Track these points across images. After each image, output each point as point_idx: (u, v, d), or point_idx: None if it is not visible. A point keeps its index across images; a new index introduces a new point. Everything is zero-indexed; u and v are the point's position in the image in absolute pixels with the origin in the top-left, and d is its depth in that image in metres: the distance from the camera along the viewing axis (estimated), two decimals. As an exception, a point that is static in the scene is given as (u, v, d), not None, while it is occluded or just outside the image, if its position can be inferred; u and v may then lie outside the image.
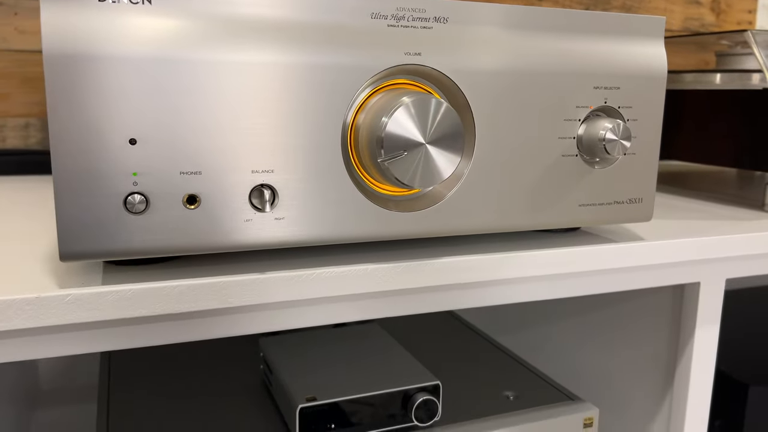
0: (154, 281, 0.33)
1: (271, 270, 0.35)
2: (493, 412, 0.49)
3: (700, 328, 0.52)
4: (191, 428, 0.46)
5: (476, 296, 0.42)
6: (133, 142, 0.31)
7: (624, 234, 0.47)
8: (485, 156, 0.38)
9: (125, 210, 0.31)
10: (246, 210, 0.34)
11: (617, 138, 0.40)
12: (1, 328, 0.30)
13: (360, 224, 0.36)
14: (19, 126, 0.71)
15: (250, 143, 0.33)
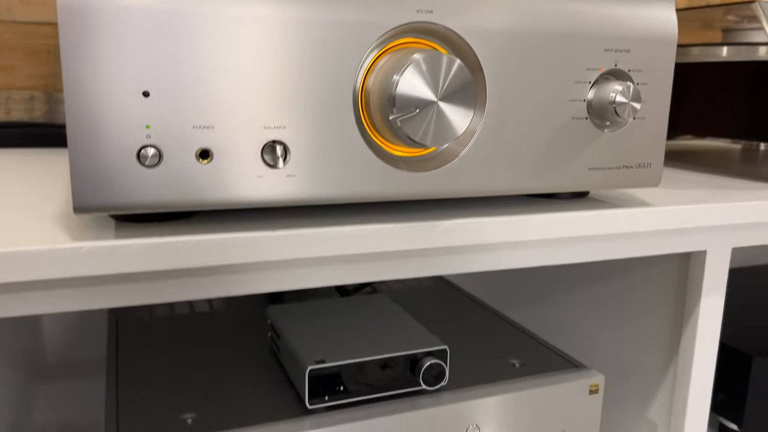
0: (166, 236, 0.33)
1: (281, 228, 0.35)
2: (499, 379, 0.49)
3: (706, 297, 0.52)
4: (200, 394, 0.46)
5: (484, 260, 0.42)
6: (147, 95, 0.31)
7: (631, 201, 0.47)
8: (497, 116, 0.38)
9: (138, 163, 0.31)
10: (258, 166, 0.34)
11: (627, 100, 0.40)
12: (14, 279, 0.30)
13: (371, 184, 0.36)
14: (23, 99, 0.71)
15: (262, 98, 0.33)
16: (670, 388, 0.55)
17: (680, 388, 0.54)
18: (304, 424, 0.42)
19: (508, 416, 0.47)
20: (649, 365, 0.57)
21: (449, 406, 0.45)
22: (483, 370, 0.51)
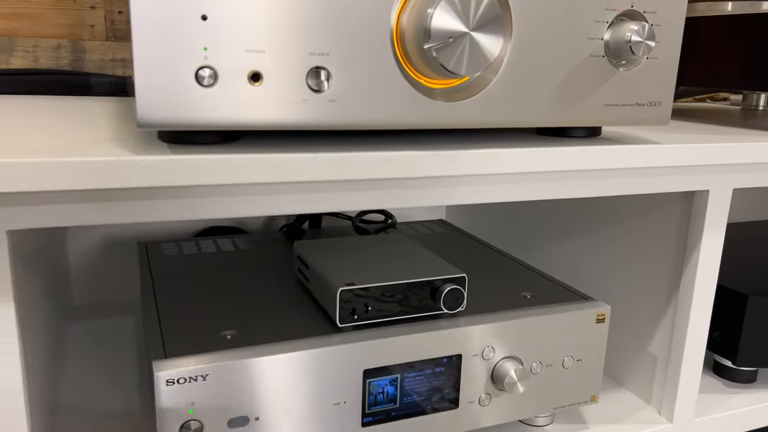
0: (218, 154, 0.36)
1: (322, 151, 0.38)
2: (512, 307, 0.53)
3: (708, 235, 0.55)
4: (237, 315, 0.49)
5: (502, 191, 0.45)
6: (205, 18, 0.34)
7: (641, 140, 0.50)
8: (522, 49, 0.41)
9: (196, 83, 0.34)
10: (303, 90, 0.36)
11: (642, 39, 0.42)
12: (83, 187, 0.33)
13: (405, 112, 0.39)
14: (50, 47, 0.73)
15: (308, 26, 0.36)
16: (670, 323, 0.59)
17: (680, 323, 0.58)
18: (335, 340, 0.45)
19: (520, 340, 0.51)
20: (652, 302, 0.61)
21: (467, 329, 0.49)
22: (497, 300, 0.54)
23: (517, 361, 0.51)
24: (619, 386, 0.65)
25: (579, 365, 0.54)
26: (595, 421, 0.59)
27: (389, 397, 0.47)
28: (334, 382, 0.45)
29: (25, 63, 0.72)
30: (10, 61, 0.72)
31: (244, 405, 0.43)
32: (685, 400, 0.59)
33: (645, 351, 0.62)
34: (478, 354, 0.50)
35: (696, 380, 0.59)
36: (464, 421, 0.50)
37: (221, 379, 0.42)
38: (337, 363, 0.45)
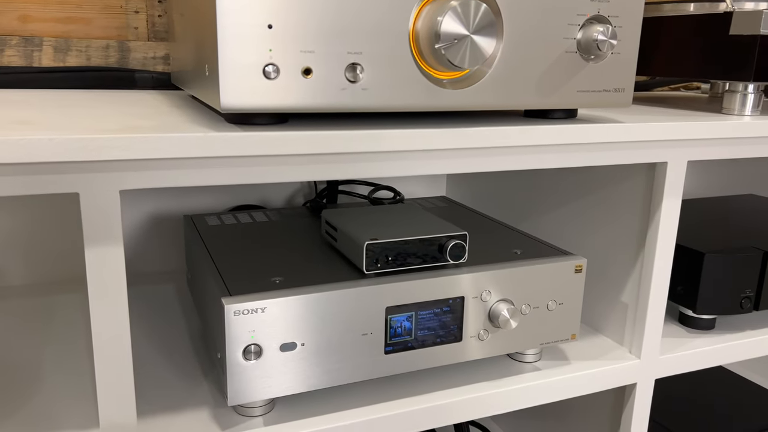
0: (276, 131, 0.47)
1: (359, 128, 0.49)
2: (505, 260, 0.64)
3: (667, 200, 0.66)
4: (280, 267, 0.60)
5: (497, 161, 0.56)
6: (270, 27, 0.44)
7: (610, 121, 0.61)
8: (511, 46, 0.52)
9: (263, 77, 0.45)
10: (343, 81, 0.47)
11: (607, 38, 0.53)
12: (181, 156, 0.44)
13: (421, 98, 0.50)
14: (100, 47, 0.83)
15: (347, 31, 0.46)
16: (638, 276, 0.70)
17: (645, 276, 0.69)
18: (363, 283, 0.56)
19: (512, 286, 0.62)
20: (623, 258, 0.72)
21: (468, 275, 0.60)
22: (492, 255, 0.65)
23: (510, 302, 0.62)
24: (596, 332, 0.77)
25: (561, 308, 0.65)
26: (576, 358, 0.70)
27: (406, 330, 0.58)
28: (362, 316, 0.56)
29: (79, 61, 0.83)
30: (66, 60, 0.82)
31: (293, 333, 0.54)
32: (650, 340, 0.70)
33: (618, 300, 0.73)
34: (477, 297, 0.61)
35: (659, 323, 0.70)
36: (466, 352, 0.62)
37: (275, 312, 0.53)
38: (364, 301, 0.56)
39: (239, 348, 0.52)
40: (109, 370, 0.48)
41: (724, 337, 0.77)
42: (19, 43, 0.80)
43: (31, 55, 0.81)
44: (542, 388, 0.65)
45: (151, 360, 0.65)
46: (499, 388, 0.63)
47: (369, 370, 0.57)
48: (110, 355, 0.47)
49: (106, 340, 0.47)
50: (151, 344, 0.69)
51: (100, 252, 0.46)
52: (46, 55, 0.81)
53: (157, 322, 0.74)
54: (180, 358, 0.66)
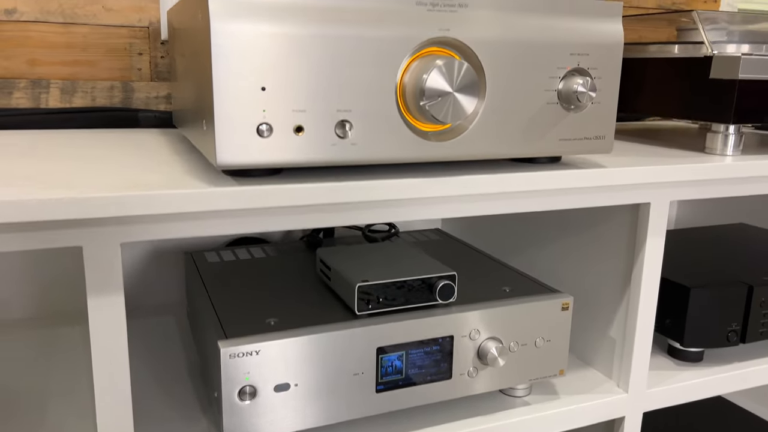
0: (270, 184, 0.49)
1: (345, 180, 0.52)
2: (494, 298, 0.66)
3: (651, 238, 0.68)
4: (275, 307, 0.62)
5: (482, 207, 0.58)
6: (264, 89, 0.47)
7: (594, 164, 0.63)
8: (493, 102, 0.54)
9: (257, 135, 0.48)
10: (333, 137, 0.50)
11: (586, 90, 0.56)
12: (179, 211, 0.47)
13: (407, 150, 0.52)
14: (105, 88, 0.86)
15: (336, 91, 0.49)
16: (624, 311, 0.72)
17: (632, 311, 0.71)
18: (354, 324, 0.59)
19: (500, 325, 0.64)
20: (610, 294, 0.74)
21: (457, 315, 0.62)
22: (481, 293, 0.68)
23: (498, 341, 0.64)
24: (586, 365, 0.78)
25: (549, 345, 0.67)
26: (566, 392, 0.72)
27: (397, 369, 0.60)
28: (354, 357, 0.58)
29: (85, 102, 0.86)
30: (72, 101, 0.85)
31: (287, 374, 0.56)
32: (638, 374, 0.72)
33: (606, 335, 0.75)
34: (466, 335, 0.63)
35: (646, 357, 0.72)
36: (457, 389, 0.64)
37: (269, 355, 0.55)
38: (356, 342, 0.58)
39: (234, 389, 0.54)
40: (109, 413, 0.50)
41: (712, 369, 0.79)
42: (27, 85, 0.83)
43: (39, 96, 0.84)
44: (532, 422, 0.67)
45: (150, 395, 0.67)
46: (489, 423, 0.65)
47: (361, 408, 0.59)
48: (110, 401, 0.50)
49: (107, 386, 0.49)
50: (151, 379, 0.71)
51: (102, 302, 0.48)
52: (53, 96, 0.85)
53: (158, 356, 0.76)
54: (179, 393, 0.68)
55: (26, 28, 0.82)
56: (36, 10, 0.82)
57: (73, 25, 0.84)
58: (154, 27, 0.87)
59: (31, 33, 0.82)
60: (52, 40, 0.83)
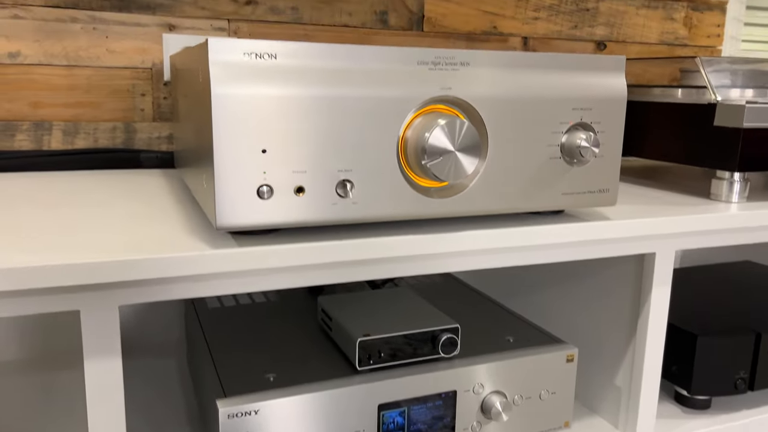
0: (271, 245, 0.48)
1: (346, 239, 0.51)
2: (497, 350, 0.65)
3: (656, 288, 0.67)
4: (275, 360, 0.62)
5: (489, 260, 0.57)
6: (264, 151, 0.47)
7: (597, 216, 0.62)
8: (495, 158, 0.54)
9: (258, 197, 0.47)
10: (333, 197, 0.49)
11: (590, 146, 0.55)
12: (177, 275, 0.46)
13: (407, 208, 0.52)
14: (108, 129, 0.86)
15: (337, 151, 0.49)
16: (630, 360, 0.71)
17: (638, 361, 0.70)
18: (355, 380, 0.58)
19: (504, 378, 0.63)
20: (614, 343, 0.73)
21: (460, 369, 0.61)
22: (485, 344, 0.67)
23: (502, 395, 0.63)
24: (592, 413, 0.77)
25: (553, 397, 0.66)
26: (570, 443, 0.71)
27: (399, 425, 0.59)
28: (355, 414, 0.57)
29: (87, 143, 0.86)
30: (74, 142, 0.85)
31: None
32: (644, 422, 0.71)
33: (611, 383, 0.74)
34: (469, 390, 0.62)
35: (653, 407, 0.71)
36: (459, 444, 0.62)
37: (268, 414, 0.54)
38: (357, 399, 0.57)
39: (233, 450, 0.53)
40: (105, 477, 0.49)
41: (720, 417, 0.77)
42: (29, 127, 0.83)
43: (41, 138, 0.84)
44: (536, 476, 0.66)
45: None
46: (492, 477, 0.64)
47: (362, 466, 0.58)
48: (106, 464, 0.49)
49: (103, 450, 0.48)
50: (150, 426, 0.70)
51: (99, 364, 0.47)
52: (55, 138, 0.85)
53: (156, 401, 0.75)
54: None
55: (30, 71, 0.82)
56: (40, 53, 0.82)
57: (76, 68, 0.84)
58: (157, 68, 0.87)
59: (35, 76, 0.83)
60: (55, 82, 0.83)
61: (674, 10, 1.17)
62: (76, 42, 0.83)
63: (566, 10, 1.09)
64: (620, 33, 1.14)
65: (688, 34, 1.20)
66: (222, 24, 0.89)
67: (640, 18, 1.15)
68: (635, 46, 1.16)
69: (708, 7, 1.20)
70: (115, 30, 0.84)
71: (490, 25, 1.04)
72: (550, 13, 1.08)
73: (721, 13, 1.21)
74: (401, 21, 0.98)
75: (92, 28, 0.83)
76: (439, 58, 0.51)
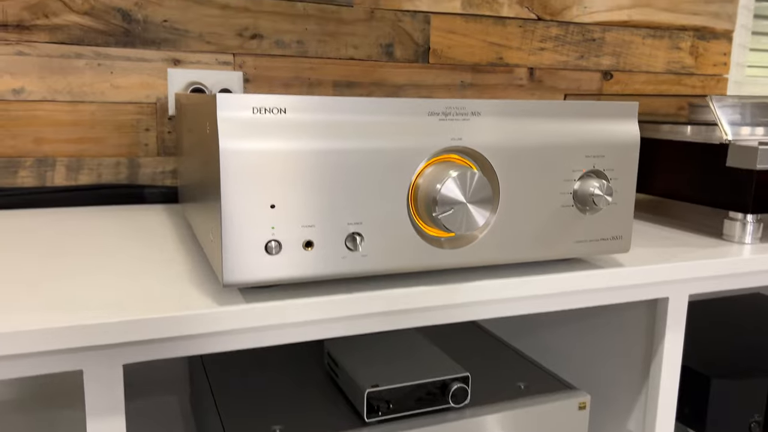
0: (280, 299, 0.47)
1: (357, 291, 0.50)
2: (509, 398, 0.63)
3: (669, 332, 0.66)
4: (281, 411, 0.60)
5: (502, 308, 0.56)
6: (273, 207, 0.46)
7: (610, 262, 0.61)
8: (506, 207, 0.53)
9: (265, 252, 0.46)
10: (343, 250, 0.48)
11: (603, 194, 0.54)
12: (178, 334, 0.45)
13: (418, 259, 0.51)
14: (111, 164, 0.86)
15: (347, 205, 0.48)
16: (643, 404, 0.70)
17: (651, 404, 0.68)
18: (364, 433, 0.56)
19: (516, 427, 0.62)
20: (627, 386, 0.71)
21: (471, 420, 0.60)
22: (497, 391, 0.65)
23: (513, 444, 0.61)
24: (603, 458, 0.75)
25: (565, 445, 0.64)
26: (583, 490, 0.69)
27: (408, 478, 0.58)
28: (363, 467, 0.56)
29: (91, 178, 0.85)
30: (78, 178, 0.85)
31: (293, 489, 0.53)
32: (658, 471, 0.69)
33: (624, 427, 0.72)
34: (480, 440, 0.60)
35: (667, 454, 0.69)
36: (470, 496, 0.61)
37: (275, 469, 0.53)
38: (365, 452, 0.56)
39: (239, 508, 0.52)
40: None
41: (734, 461, 0.76)
42: (32, 164, 0.83)
43: (44, 174, 0.83)
44: None
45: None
46: None
47: None
48: None
49: None
50: (152, 476, 0.68)
51: (103, 423, 0.46)
52: (58, 174, 0.84)
53: (159, 448, 0.73)
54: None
55: (33, 107, 0.82)
56: (44, 89, 0.81)
57: (80, 103, 0.83)
58: (162, 102, 0.87)
59: (38, 112, 0.82)
60: (59, 118, 0.83)
61: (680, 39, 1.17)
62: (80, 78, 0.83)
63: (572, 40, 1.08)
64: (627, 62, 1.14)
65: (694, 63, 1.19)
66: (227, 58, 0.88)
67: (647, 47, 1.14)
68: (641, 75, 1.16)
69: (714, 36, 1.20)
70: (120, 65, 0.84)
71: (495, 56, 1.04)
72: (557, 44, 1.07)
73: (727, 41, 1.21)
74: (407, 53, 0.98)
75: (97, 64, 0.83)
76: (450, 109, 0.50)
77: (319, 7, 0.92)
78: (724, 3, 1.19)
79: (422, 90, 1.00)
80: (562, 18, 1.07)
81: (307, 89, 0.93)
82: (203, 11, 0.86)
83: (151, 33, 0.84)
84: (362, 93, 0.97)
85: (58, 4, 0.80)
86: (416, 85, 0.99)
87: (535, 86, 1.07)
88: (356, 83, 0.96)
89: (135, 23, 0.83)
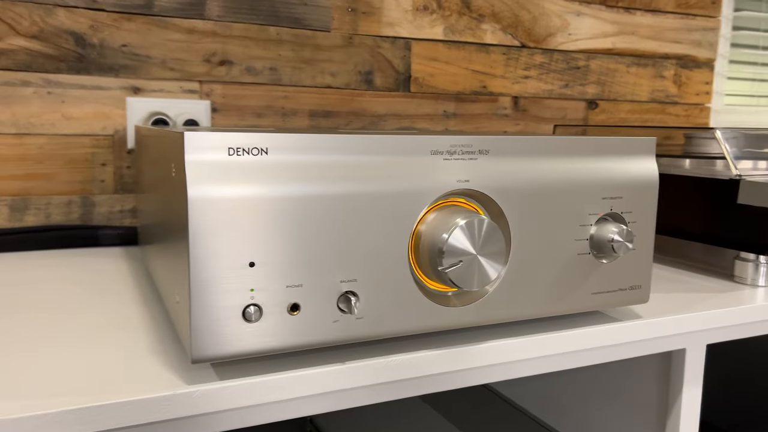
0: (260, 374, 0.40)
1: (351, 360, 0.43)
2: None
3: (687, 386, 0.60)
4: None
5: (513, 370, 0.49)
6: (252, 265, 0.38)
7: (625, 312, 0.55)
8: (518, 257, 0.46)
9: (243, 320, 0.38)
10: (335, 313, 0.41)
11: (623, 240, 0.48)
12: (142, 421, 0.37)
13: (421, 319, 0.44)
14: (62, 203, 0.77)
15: (339, 259, 0.40)
16: (658, 464, 0.63)
17: (667, 465, 0.62)
18: None
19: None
20: (639, 444, 0.65)
21: (477, 496, 0.52)
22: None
23: None
24: None
25: None
26: None
27: None
28: None
29: (38, 220, 0.76)
30: (23, 219, 0.75)
31: None
32: None
33: (636, 491, 0.66)
34: None
35: None
36: None
37: None
38: None
39: None
40: None
41: None
42: (-30, 204, 0.73)
43: (-16, 215, 0.74)
44: None
45: None
46: None
47: None
48: None
49: None
50: None
51: None
52: (1, 215, 0.74)
53: None
54: None
55: (-28, 140, 0.73)
56: (-15, 120, 0.73)
57: (27, 136, 0.75)
58: (120, 135, 0.79)
59: (-22, 145, 0.73)
60: (1, 152, 0.74)
61: (663, 67, 1.14)
62: (27, 108, 0.74)
63: (556, 68, 1.04)
64: (611, 91, 1.10)
65: (678, 92, 1.16)
66: (193, 86, 0.81)
67: (631, 76, 1.11)
68: (626, 104, 1.12)
69: (696, 64, 1.18)
70: (73, 94, 0.76)
71: (479, 84, 0.99)
72: (541, 72, 1.03)
73: (709, 70, 1.19)
74: (387, 81, 0.92)
75: (46, 93, 0.74)
76: (455, 147, 0.44)
77: (294, 32, 0.85)
78: (705, 31, 1.17)
79: (404, 120, 0.94)
80: (547, 45, 1.03)
81: (281, 119, 0.86)
82: (166, 35, 0.79)
83: (108, 59, 0.76)
84: (340, 123, 0.90)
85: (3, 26, 0.72)
86: (397, 115, 0.93)
87: (519, 116, 1.02)
88: (334, 113, 0.89)
89: (90, 48, 0.75)
